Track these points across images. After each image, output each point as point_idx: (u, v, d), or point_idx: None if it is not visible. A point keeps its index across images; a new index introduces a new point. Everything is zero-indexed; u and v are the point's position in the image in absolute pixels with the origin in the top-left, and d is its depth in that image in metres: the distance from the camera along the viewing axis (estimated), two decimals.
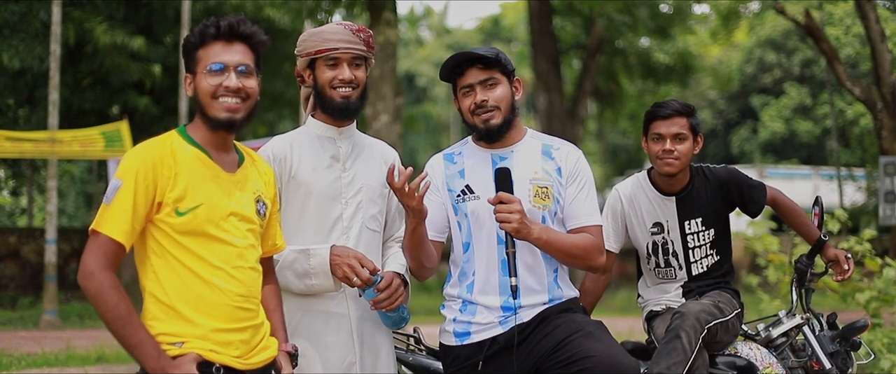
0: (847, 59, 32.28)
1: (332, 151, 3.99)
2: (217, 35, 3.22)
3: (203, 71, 3.21)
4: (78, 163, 30.55)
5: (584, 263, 4.06)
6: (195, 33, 3.24)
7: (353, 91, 3.95)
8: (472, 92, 4.05)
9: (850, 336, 4.75)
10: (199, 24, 3.25)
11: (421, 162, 43.69)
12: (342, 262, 3.75)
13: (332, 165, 3.97)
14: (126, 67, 19.65)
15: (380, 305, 3.80)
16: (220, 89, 3.18)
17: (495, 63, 4.04)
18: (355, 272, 3.74)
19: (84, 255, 3.08)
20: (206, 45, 3.22)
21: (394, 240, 4.14)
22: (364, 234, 3.97)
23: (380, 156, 4.13)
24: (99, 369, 11.10)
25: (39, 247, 21.62)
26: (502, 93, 4.05)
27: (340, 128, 4.03)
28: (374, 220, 4.01)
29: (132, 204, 3.06)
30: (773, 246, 9.44)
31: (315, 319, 3.88)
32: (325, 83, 3.93)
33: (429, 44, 51.61)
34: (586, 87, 25.13)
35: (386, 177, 3.78)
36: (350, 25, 3.97)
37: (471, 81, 4.04)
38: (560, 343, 3.89)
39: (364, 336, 3.94)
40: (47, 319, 17.16)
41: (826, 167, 36.22)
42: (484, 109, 4.03)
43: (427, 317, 14.88)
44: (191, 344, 3.09)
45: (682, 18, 26.20)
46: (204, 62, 3.21)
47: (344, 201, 3.93)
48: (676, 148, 4.56)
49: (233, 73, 3.20)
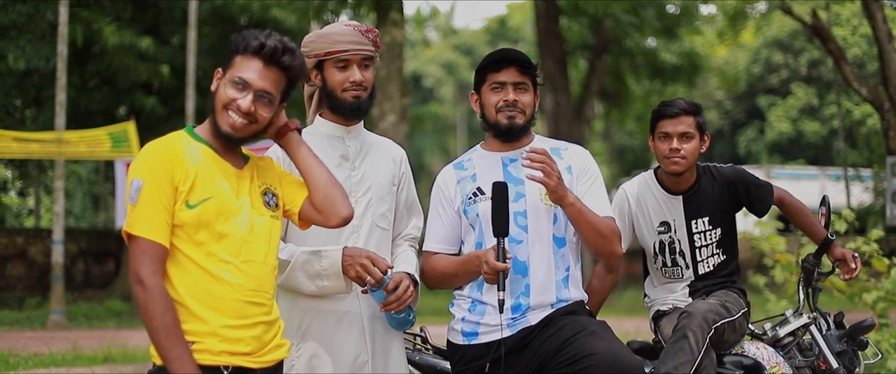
0: (854, 60, 32.23)
1: (342, 151, 3.99)
2: (259, 53, 3.20)
3: (229, 78, 3.20)
4: (85, 164, 30.60)
5: (609, 246, 4.12)
6: (243, 38, 3.22)
7: (364, 92, 3.96)
8: (504, 89, 4.11)
9: (857, 336, 4.74)
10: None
11: (427, 162, 43.76)
12: (354, 262, 3.75)
13: (341, 165, 3.96)
14: (134, 67, 19.66)
15: (388, 306, 3.81)
16: (232, 104, 3.18)
17: (532, 70, 4.14)
18: (368, 271, 3.73)
19: (131, 261, 3.09)
20: (246, 55, 3.20)
21: (403, 237, 4.16)
22: (374, 232, 3.97)
23: (388, 154, 4.14)
24: (106, 369, 11.10)
25: (46, 248, 21.66)
26: (529, 100, 4.16)
27: (349, 127, 4.03)
28: (383, 218, 4.02)
29: (159, 200, 3.07)
30: (780, 246, 9.42)
31: (327, 318, 3.88)
32: (337, 86, 3.93)
33: (435, 45, 51.61)
34: (593, 87, 25.13)
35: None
36: (358, 26, 3.97)
37: (505, 79, 4.11)
38: (564, 343, 3.90)
39: (375, 334, 3.94)
40: (54, 319, 17.19)
41: (833, 168, 36.19)
42: (512, 108, 4.11)
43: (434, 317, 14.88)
44: (201, 344, 3.09)
45: (688, 19, 26.22)
46: (234, 70, 3.20)
47: (354, 199, 3.92)
48: (683, 147, 4.56)
49: (251, 94, 3.18)
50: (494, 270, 3.79)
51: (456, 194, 4.19)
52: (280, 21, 20.99)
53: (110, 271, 23.70)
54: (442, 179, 4.27)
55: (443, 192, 4.22)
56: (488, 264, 3.81)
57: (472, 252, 4.07)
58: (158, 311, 3.01)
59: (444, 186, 4.23)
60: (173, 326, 3.02)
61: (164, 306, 3.02)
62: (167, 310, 3.02)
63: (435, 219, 4.23)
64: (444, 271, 4.15)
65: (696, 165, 4.68)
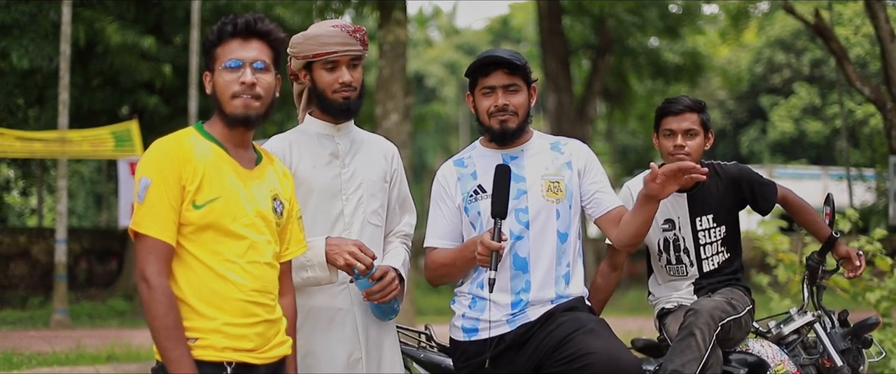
0: (857, 59, 32.19)
1: (332, 149, 4.00)
2: (234, 32, 3.25)
3: (220, 68, 3.24)
4: (88, 163, 30.60)
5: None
6: (214, 31, 3.27)
7: (353, 93, 3.96)
8: (494, 94, 4.11)
9: (861, 333, 4.74)
10: (212, 23, 3.26)
11: (430, 162, 43.73)
12: (341, 250, 3.75)
13: (331, 162, 3.98)
14: (137, 66, 19.67)
15: (372, 296, 3.83)
16: (236, 85, 3.21)
17: (520, 70, 4.11)
18: (356, 257, 3.73)
19: (138, 259, 3.10)
20: (223, 42, 3.26)
21: (394, 234, 4.17)
22: (366, 229, 3.98)
23: (379, 151, 4.15)
24: (109, 368, 11.12)
25: (49, 247, 21.67)
26: (522, 100, 4.14)
27: (338, 125, 4.04)
28: (375, 215, 4.03)
29: (167, 199, 3.08)
30: (783, 245, 9.42)
31: (320, 316, 3.89)
32: (327, 87, 3.94)
33: (438, 44, 51.61)
34: (595, 87, 25.14)
35: None
36: (346, 26, 3.97)
37: (494, 83, 4.11)
38: (562, 341, 3.92)
39: (369, 332, 3.95)
40: (57, 318, 17.20)
41: (836, 167, 36.16)
42: (503, 112, 4.11)
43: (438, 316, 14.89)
44: (205, 340, 3.10)
45: (691, 18, 26.23)
46: (221, 60, 3.24)
47: (345, 197, 3.95)
48: (688, 143, 4.59)
49: (248, 68, 3.22)
50: (489, 249, 3.78)
51: (456, 191, 4.20)
52: (283, 20, 21.00)
53: (113, 270, 23.72)
54: (442, 174, 4.27)
55: (443, 188, 4.23)
56: (483, 243, 3.79)
57: (470, 238, 4.07)
58: (161, 311, 3.03)
59: (444, 181, 4.24)
60: (175, 327, 3.04)
61: (166, 307, 3.03)
62: (170, 310, 3.04)
63: (436, 214, 4.24)
64: (443, 262, 4.15)
65: (701, 163, 4.68)
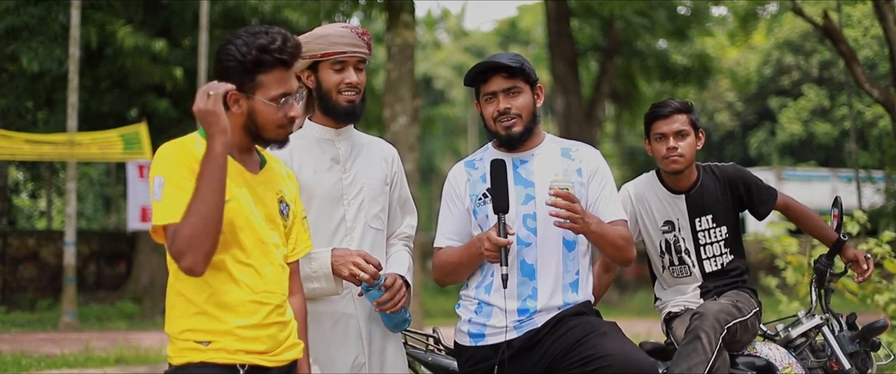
0: (865, 61, 32.17)
1: (332, 153, 3.99)
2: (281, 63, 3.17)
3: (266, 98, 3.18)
4: (96, 165, 30.69)
5: (625, 254, 4.11)
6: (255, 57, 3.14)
7: (357, 95, 3.96)
8: (495, 99, 4.10)
9: (869, 337, 4.73)
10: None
11: (438, 165, 43.74)
12: (346, 261, 3.75)
13: (332, 168, 3.97)
14: (146, 69, 19.72)
15: (383, 306, 3.82)
16: (284, 119, 3.20)
17: (519, 72, 4.08)
18: (361, 268, 3.72)
19: (171, 254, 3.01)
20: (267, 70, 3.17)
21: (397, 236, 4.17)
22: (368, 233, 3.97)
23: (379, 154, 4.14)
24: (118, 370, 11.15)
25: (58, 249, 21.74)
26: (524, 102, 4.10)
27: (339, 129, 4.03)
28: (376, 219, 4.02)
29: (184, 188, 3.02)
30: (792, 247, 9.41)
31: (323, 321, 3.88)
32: (332, 87, 3.93)
33: (446, 47, 51.62)
34: (604, 89, 25.14)
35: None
36: (354, 28, 3.98)
37: (494, 88, 4.09)
38: (575, 344, 3.90)
39: (372, 336, 3.95)
40: (66, 321, 17.26)
41: (844, 169, 36.12)
42: (506, 116, 4.09)
43: (446, 319, 14.89)
44: (217, 343, 3.10)
45: (699, 20, 26.22)
46: (267, 89, 3.17)
47: (346, 202, 3.94)
48: (680, 145, 4.61)
49: (293, 101, 3.21)
50: (496, 245, 3.78)
51: (466, 193, 4.19)
52: (291, 22, 21.02)
53: (122, 272, 23.77)
54: (453, 175, 4.27)
55: (453, 188, 4.22)
56: (490, 240, 3.79)
57: (475, 236, 4.06)
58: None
59: (454, 182, 4.24)
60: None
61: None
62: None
63: (446, 215, 4.23)
64: (450, 260, 4.13)
65: (697, 165, 4.71)
